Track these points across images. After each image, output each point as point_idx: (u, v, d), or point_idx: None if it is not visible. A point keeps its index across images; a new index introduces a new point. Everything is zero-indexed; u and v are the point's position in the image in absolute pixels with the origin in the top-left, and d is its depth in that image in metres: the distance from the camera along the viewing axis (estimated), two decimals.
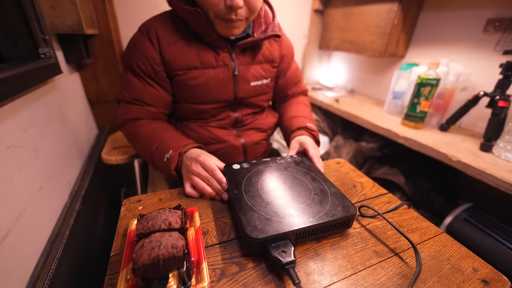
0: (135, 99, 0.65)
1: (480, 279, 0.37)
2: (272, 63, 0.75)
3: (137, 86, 0.64)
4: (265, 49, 0.71)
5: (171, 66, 0.62)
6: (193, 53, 0.63)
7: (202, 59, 0.63)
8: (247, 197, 0.43)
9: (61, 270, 0.57)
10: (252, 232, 0.36)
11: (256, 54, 0.70)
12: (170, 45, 0.61)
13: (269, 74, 0.74)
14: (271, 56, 0.73)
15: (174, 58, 0.62)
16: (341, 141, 1.47)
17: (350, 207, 0.42)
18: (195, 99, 0.67)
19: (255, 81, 0.71)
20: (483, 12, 1.02)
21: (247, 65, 0.69)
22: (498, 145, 0.86)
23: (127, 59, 0.64)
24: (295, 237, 0.38)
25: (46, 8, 0.77)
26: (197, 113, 0.70)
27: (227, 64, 0.66)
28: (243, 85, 0.70)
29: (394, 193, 1.06)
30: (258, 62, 0.71)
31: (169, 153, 0.56)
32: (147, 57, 0.61)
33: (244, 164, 0.54)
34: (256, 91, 0.73)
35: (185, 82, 0.64)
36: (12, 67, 0.52)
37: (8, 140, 0.50)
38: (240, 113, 0.75)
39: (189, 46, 0.62)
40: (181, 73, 0.63)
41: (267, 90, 0.77)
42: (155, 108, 0.67)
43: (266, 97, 0.79)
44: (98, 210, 0.94)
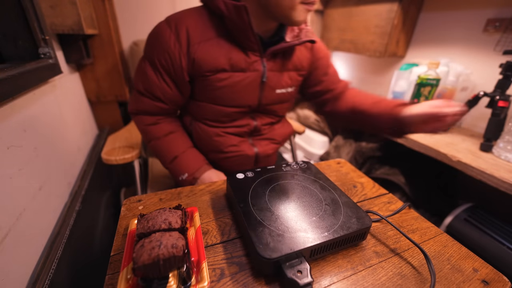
0: (148, 92, 0.64)
1: (480, 279, 0.37)
2: (300, 71, 0.71)
3: (152, 80, 0.62)
4: (294, 56, 0.68)
5: (200, 66, 0.59)
6: (223, 54, 0.59)
7: (232, 61, 0.60)
8: (255, 211, 0.41)
9: (61, 270, 0.57)
10: (264, 251, 0.33)
11: (285, 61, 0.67)
12: (201, 44, 0.58)
13: (294, 82, 0.71)
14: (299, 64, 0.70)
15: (203, 58, 0.58)
16: (341, 141, 1.47)
17: (364, 218, 0.40)
18: (219, 100, 0.65)
19: (281, 89, 0.69)
20: (483, 12, 1.02)
21: (275, 72, 0.66)
22: (498, 145, 0.86)
23: (149, 51, 0.61)
24: (310, 254, 0.36)
25: (46, 8, 0.77)
26: (217, 115, 0.68)
27: (257, 69, 0.63)
28: (269, 92, 0.67)
29: (394, 193, 1.06)
30: (287, 70, 0.68)
31: (184, 175, 0.65)
32: (171, 56, 0.58)
33: (248, 173, 0.51)
34: (280, 99, 0.71)
35: (212, 83, 0.61)
36: (12, 67, 0.52)
37: (8, 140, 0.50)
38: (260, 121, 0.72)
39: (220, 46, 0.59)
40: (208, 74, 0.60)
41: (289, 98, 0.74)
42: (166, 105, 0.66)
43: (287, 105, 0.76)
44: (98, 210, 0.94)
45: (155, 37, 0.60)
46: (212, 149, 0.71)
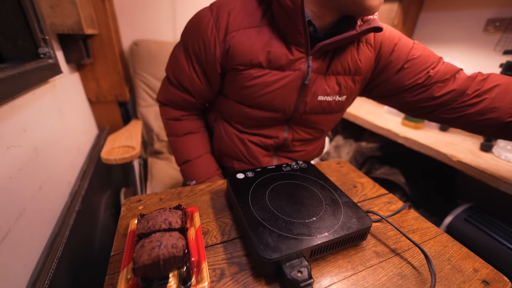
0: (176, 80, 0.60)
1: (481, 280, 0.37)
2: (355, 75, 0.57)
3: (183, 67, 0.58)
4: (347, 56, 0.55)
5: (233, 57, 0.52)
6: (262, 46, 0.51)
7: (270, 56, 0.51)
8: (256, 211, 0.41)
9: (61, 270, 0.57)
10: (264, 251, 0.33)
11: (334, 62, 0.55)
12: (239, 32, 0.51)
13: (345, 90, 0.58)
14: (354, 67, 0.56)
15: (239, 47, 0.51)
16: (341, 141, 1.47)
17: (365, 218, 0.40)
18: (248, 100, 0.57)
19: (324, 96, 0.57)
20: (483, 12, 1.02)
21: (321, 74, 0.55)
22: (498, 145, 0.86)
23: (185, 34, 0.57)
24: (310, 254, 0.36)
25: (46, 8, 0.77)
26: (245, 118, 0.60)
27: (298, 68, 0.53)
28: (309, 98, 0.56)
29: (394, 193, 1.06)
30: (334, 73, 0.56)
31: (192, 182, 0.64)
32: (205, 42, 0.53)
33: (248, 173, 0.51)
34: (322, 107, 0.59)
35: (242, 79, 0.54)
36: (12, 67, 0.52)
37: (8, 140, 0.50)
38: (292, 135, 0.63)
39: (260, 36, 0.51)
40: (241, 68, 0.53)
41: (338, 109, 0.61)
42: (193, 99, 0.62)
43: (333, 118, 0.63)
44: (98, 210, 0.94)
45: (194, 21, 0.55)
46: (230, 154, 0.66)
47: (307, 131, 0.64)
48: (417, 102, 0.59)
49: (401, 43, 0.57)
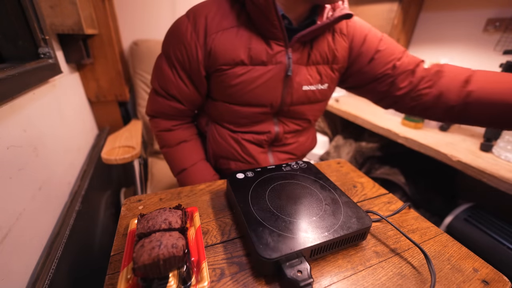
0: (164, 90, 0.61)
1: (481, 279, 0.37)
2: (332, 64, 0.61)
3: (168, 77, 0.59)
4: (325, 46, 0.58)
5: (215, 59, 0.54)
6: (243, 45, 0.53)
7: (251, 53, 0.54)
8: (255, 211, 0.41)
9: (61, 270, 0.57)
10: (264, 251, 0.33)
11: (312, 52, 0.58)
12: (218, 34, 0.53)
13: (326, 79, 0.61)
14: (331, 56, 0.60)
15: (220, 49, 0.53)
16: (341, 141, 1.47)
17: (364, 218, 0.40)
18: (236, 99, 0.59)
19: (308, 85, 0.60)
20: (483, 12, 1.02)
21: (302, 65, 0.58)
22: (498, 145, 0.86)
23: (165, 44, 0.58)
24: (310, 254, 0.36)
25: (46, 8, 0.77)
26: (235, 117, 0.62)
27: (279, 61, 0.55)
28: (294, 89, 0.59)
29: (394, 193, 1.06)
30: (315, 63, 0.59)
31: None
32: (187, 47, 0.54)
33: (248, 173, 0.51)
34: (307, 97, 0.62)
35: (227, 79, 0.56)
36: (12, 67, 0.52)
37: (8, 140, 0.50)
38: (283, 128, 0.65)
39: (239, 36, 0.53)
40: (225, 68, 0.55)
41: (321, 98, 0.65)
42: (182, 105, 0.63)
43: (319, 107, 0.66)
44: (98, 210, 0.94)
45: (172, 29, 0.57)
46: (226, 155, 0.67)
47: (296, 122, 0.66)
48: (386, 92, 0.63)
49: (371, 35, 0.61)
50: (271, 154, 0.68)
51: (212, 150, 0.68)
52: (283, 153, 0.69)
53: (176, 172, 0.67)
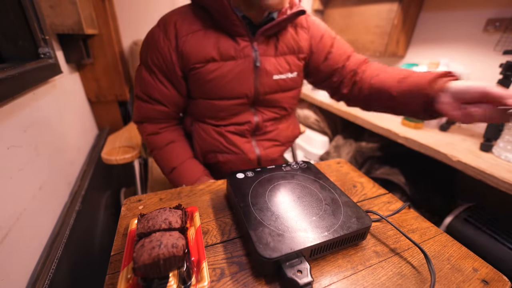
0: (146, 95, 0.65)
1: (480, 279, 0.37)
2: (298, 54, 0.67)
3: (148, 82, 0.63)
4: (290, 38, 0.65)
5: (188, 59, 0.59)
6: (212, 44, 0.59)
7: (220, 50, 0.59)
8: (255, 210, 0.41)
9: (61, 270, 0.57)
10: (264, 251, 0.33)
11: (279, 44, 0.64)
12: (188, 36, 0.58)
13: (294, 67, 0.67)
14: (296, 46, 0.66)
15: (191, 50, 0.59)
16: (341, 141, 1.47)
17: (364, 218, 0.40)
18: (213, 94, 0.63)
19: (279, 75, 0.65)
20: (483, 12, 1.02)
21: (269, 56, 0.63)
22: (498, 145, 0.86)
23: (142, 53, 0.63)
24: (310, 254, 0.37)
25: (46, 8, 0.77)
26: (215, 111, 0.66)
27: (247, 55, 0.61)
28: (265, 79, 0.64)
29: (394, 193, 1.06)
30: (282, 53, 0.65)
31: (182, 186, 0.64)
32: (161, 52, 0.59)
33: (248, 172, 0.51)
34: (279, 85, 0.67)
35: (202, 76, 0.61)
36: (12, 67, 0.52)
37: (8, 140, 0.51)
38: (262, 117, 0.69)
39: (207, 37, 0.59)
40: (198, 66, 0.60)
41: (293, 86, 0.70)
42: (166, 108, 0.66)
43: (292, 95, 0.71)
44: (98, 210, 0.94)
45: (146, 39, 0.62)
46: (212, 149, 0.70)
47: (273, 110, 0.71)
48: (337, 88, 0.72)
49: (326, 35, 0.69)
50: (255, 143, 0.71)
51: (199, 147, 0.71)
52: (266, 140, 0.73)
53: (167, 171, 0.69)
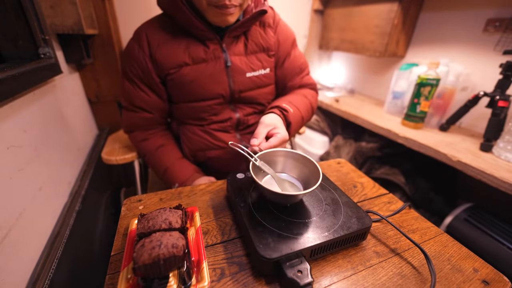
0: (131, 104, 0.68)
1: (481, 280, 0.37)
2: (268, 51, 0.70)
3: (130, 91, 0.67)
4: (258, 37, 0.68)
5: (162, 67, 0.63)
6: (182, 50, 0.62)
7: (192, 54, 0.62)
8: (255, 210, 0.41)
9: (61, 270, 0.57)
10: (264, 251, 0.33)
11: (248, 43, 0.67)
12: (160, 46, 0.62)
13: (266, 64, 0.70)
14: (266, 44, 0.69)
15: (164, 57, 0.62)
16: (341, 141, 1.47)
17: (365, 218, 0.40)
18: (191, 96, 0.66)
19: (251, 72, 0.67)
20: (483, 12, 1.02)
21: (240, 55, 0.66)
22: (498, 145, 0.86)
23: (123, 66, 0.67)
24: (310, 254, 0.36)
25: (46, 8, 0.77)
26: (196, 112, 0.69)
27: (218, 56, 0.64)
28: (238, 77, 0.66)
29: (394, 193, 1.06)
30: (253, 52, 0.68)
31: (175, 185, 0.67)
32: (138, 62, 0.63)
33: (248, 173, 0.50)
34: (254, 83, 0.69)
35: (178, 81, 0.64)
36: (12, 67, 0.52)
37: (8, 140, 0.50)
38: (241, 112, 0.71)
39: (178, 44, 0.62)
40: (173, 72, 0.63)
41: (267, 82, 0.72)
42: (150, 114, 0.70)
43: (267, 90, 0.73)
44: (98, 210, 0.94)
45: (125, 51, 0.66)
46: (201, 148, 0.72)
47: (251, 106, 0.73)
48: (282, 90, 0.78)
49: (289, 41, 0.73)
50: (240, 137, 0.73)
51: (187, 148, 0.73)
52: (250, 133, 0.74)
53: (160, 173, 0.71)
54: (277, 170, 0.49)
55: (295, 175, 0.48)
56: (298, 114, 0.66)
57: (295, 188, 0.46)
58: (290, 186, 0.45)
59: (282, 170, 0.49)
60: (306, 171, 0.46)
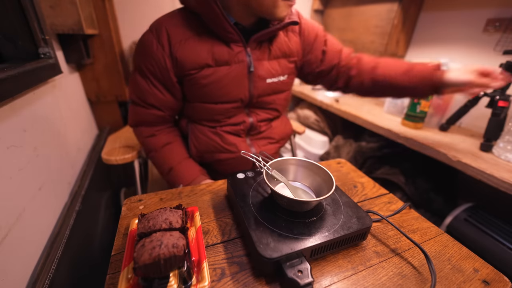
0: (141, 101, 0.66)
1: (481, 280, 0.37)
2: (289, 57, 0.69)
3: (143, 88, 0.63)
4: (282, 42, 0.67)
5: (183, 66, 0.60)
6: (206, 50, 0.59)
7: (215, 56, 0.60)
8: (256, 210, 0.41)
9: (61, 270, 0.57)
10: (265, 251, 0.33)
11: (272, 48, 0.65)
12: (181, 43, 0.58)
13: (285, 70, 0.69)
14: (288, 50, 0.68)
15: (186, 56, 0.59)
16: (341, 141, 1.47)
17: (365, 218, 0.40)
18: (208, 98, 0.64)
19: (271, 78, 0.67)
20: (483, 12, 1.02)
21: (262, 61, 0.65)
22: (498, 145, 0.86)
23: (136, 59, 0.63)
24: (310, 254, 0.36)
25: (46, 8, 0.77)
26: (211, 114, 0.67)
27: (242, 60, 0.62)
28: (258, 82, 0.65)
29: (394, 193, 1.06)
30: (275, 57, 0.67)
31: (179, 186, 0.65)
32: (155, 59, 0.59)
33: (248, 173, 0.51)
34: (272, 89, 0.69)
35: (197, 81, 0.61)
36: (12, 67, 0.52)
37: (8, 140, 0.50)
38: (256, 117, 0.71)
39: (201, 43, 0.59)
40: (193, 72, 0.61)
41: (284, 88, 0.72)
42: (161, 112, 0.67)
43: (283, 96, 0.73)
44: (98, 210, 0.94)
45: (139, 45, 0.62)
46: (209, 149, 0.70)
47: (266, 111, 0.73)
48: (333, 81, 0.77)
49: (320, 33, 0.72)
50: (250, 142, 0.73)
51: (195, 148, 0.72)
52: (261, 139, 0.74)
53: (165, 172, 0.69)
54: (289, 178, 0.48)
55: (307, 183, 0.48)
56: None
57: (308, 195, 0.46)
58: (303, 193, 0.45)
59: (294, 179, 0.49)
60: (319, 179, 0.46)
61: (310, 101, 1.60)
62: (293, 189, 0.44)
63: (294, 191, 0.44)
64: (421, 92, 0.69)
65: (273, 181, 0.45)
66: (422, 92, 0.69)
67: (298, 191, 0.45)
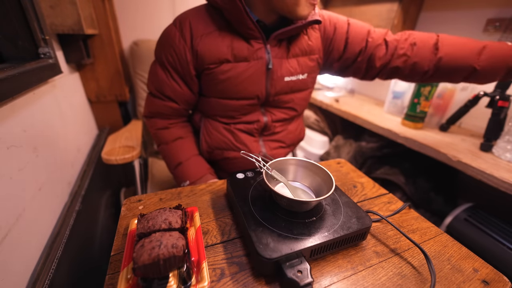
0: (159, 92, 0.66)
1: (481, 280, 0.37)
2: (310, 55, 0.68)
3: (162, 79, 0.64)
4: (302, 40, 0.66)
5: (203, 59, 0.60)
6: (226, 45, 0.60)
7: (234, 51, 0.60)
8: (255, 211, 0.41)
9: (61, 270, 0.57)
10: (264, 251, 0.33)
11: (292, 46, 0.65)
12: (203, 37, 0.59)
13: (305, 69, 0.68)
14: (308, 48, 0.67)
15: (206, 50, 0.59)
16: (341, 141, 1.47)
17: (364, 218, 0.40)
18: (225, 93, 0.64)
19: (290, 76, 0.66)
20: (483, 12, 1.02)
21: (282, 58, 0.64)
22: (498, 145, 0.86)
23: (157, 51, 0.64)
24: (310, 254, 0.36)
25: (46, 8, 0.77)
26: (226, 110, 0.67)
27: (261, 57, 0.62)
28: (276, 81, 0.65)
29: (394, 193, 1.06)
30: (294, 55, 0.66)
31: (186, 183, 0.66)
32: (176, 51, 0.60)
33: (248, 173, 0.51)
34: (290, 87, 0.68)
35: (216, 76, 0.62)
36: (12, 67, 0.52)
37: (8, 140, 0.50)
38: (270, 117, 0.70)
39: (222, 38, 0.60)
40: (212, 67, 0.61)
41: (303, 87, 0.71)
42: (177, 105, 0.68)
43: (302, 96, 0.72)
44: (98, 210, 0.94)
45: (162, 37, 0.63)
46: (220, 146, 0.70)
47: (282, 111, 0.71)
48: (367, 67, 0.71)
49: (339, 23, 0.69)
50: (262, 143, 0.72)
51: (206, 143, 0.72)
52: (273, 141, 0.74)
53: (172, 166, 0.69)
54: (288, 178, 0.49)
55: (307, 183, 0.48)
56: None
57: (308, 195, 0.46)
58: (303, 193, 0.46)
59: (294, 179, 0.49)
60: (318, 179, 0.46)
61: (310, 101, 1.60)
62: (293, 189, 0.44)
63: (294, 191, 0.44)
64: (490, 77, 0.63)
65: (273, 181, 0.45)
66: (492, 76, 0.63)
67: (298, 191, 0.45)
